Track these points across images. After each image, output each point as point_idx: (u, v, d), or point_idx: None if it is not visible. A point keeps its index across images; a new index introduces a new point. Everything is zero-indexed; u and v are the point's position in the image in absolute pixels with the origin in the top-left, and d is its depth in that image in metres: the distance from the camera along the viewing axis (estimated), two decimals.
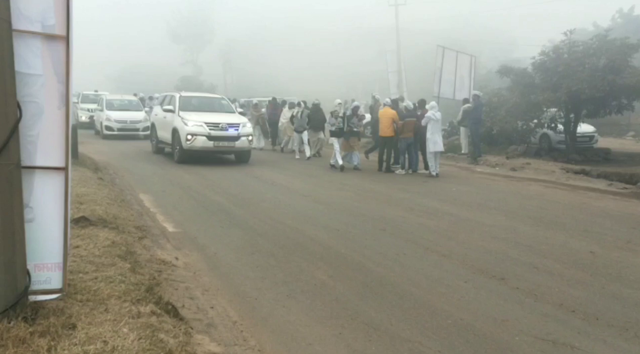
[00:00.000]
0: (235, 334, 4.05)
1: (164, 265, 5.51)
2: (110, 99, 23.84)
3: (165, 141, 15.59)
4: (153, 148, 17.00)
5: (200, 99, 16.57)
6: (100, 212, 6.80)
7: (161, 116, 15.89)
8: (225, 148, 14.45)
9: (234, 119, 14.84)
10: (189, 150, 14.02)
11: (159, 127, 16.22)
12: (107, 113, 22.22)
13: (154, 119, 17.06)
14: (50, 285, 3.51)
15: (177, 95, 15.67)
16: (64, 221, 3.52)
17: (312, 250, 6.42)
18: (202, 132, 13.86)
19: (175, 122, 14.48)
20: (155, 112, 17.17)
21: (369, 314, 4.52)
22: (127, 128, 21.92)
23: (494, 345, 3.97)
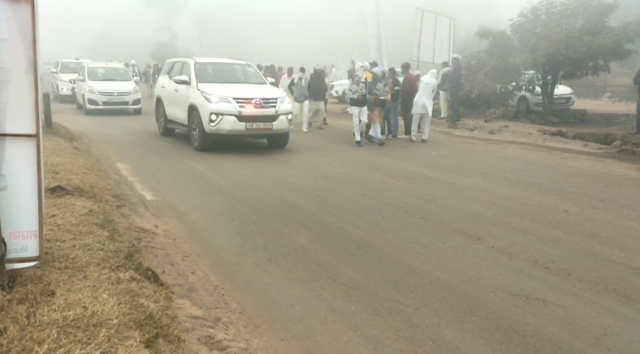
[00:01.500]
0: (216, 298, 4.09)
1: (143, 233, 5.50)
2: (93, 67, 20.16)
3: (178, 121, 12.40)
4: (160, 129, 13.65)
5: (221, 67, 12.95)
6: (77, 181, 6.72)
7: (171, 89, 12.62)
8: (260, 131, 11.07)
9: (268, 92, 11.42)
10: (213, 133, 10.83)
11: (169, 103, 12.90)
12: (89, 84, 18.79)
13: (160, 93, 13.63)
14: (27, 253, 3.49)
15: (192, 62, 12.13)
16: (37, 189, 3.48)
17: (292, 215, 6.45)
18: (231, 111, 10.62)
19: (193, 97, 11.24)
20: (161, 83, 13.73)
21: (348, 275, 4.59)
22: (114, 102, 18.65)
23: (469, 301, 4.07)
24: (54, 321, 2.87)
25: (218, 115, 10.65)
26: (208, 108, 10.71)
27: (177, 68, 12.81)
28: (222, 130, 10.76)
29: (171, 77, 12.83)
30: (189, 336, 3.31)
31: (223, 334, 3.47)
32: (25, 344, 2.63)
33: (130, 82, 19.76)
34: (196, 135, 11.28)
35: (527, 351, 3.37)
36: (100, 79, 19.30)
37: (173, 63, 13.51)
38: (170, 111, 12.84)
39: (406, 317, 3.82)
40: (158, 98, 13.75)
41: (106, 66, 20.79)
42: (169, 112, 12.91)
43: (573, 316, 3.85)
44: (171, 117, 12.85)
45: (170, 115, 12.87)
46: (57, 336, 2.73)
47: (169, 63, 13.88)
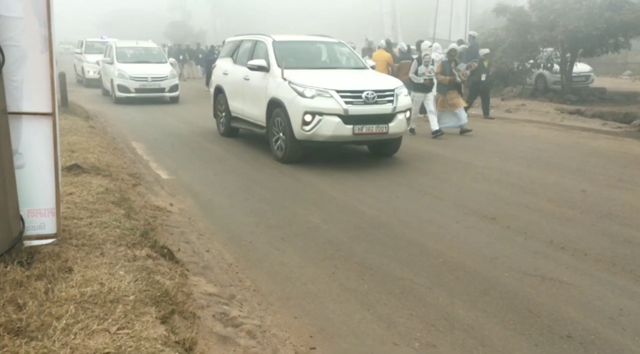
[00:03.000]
0: (230, 276, 4.13)
1: (158, 211, 5.55)
2: (122, 48, 17.32)
3: (248, 119, 9.40)
4: (221, 128, 10.69)
5: (305, 47, 9.65)
6: (93, 160, 6.77)
7: (237, 77, 9.70)
8: (372, 137, 7.90)
9: (381, 82, 8.29)
10: (307, 140, 7.80)
11: (234, 95, 9.93)
12: (119, 68, 15.97)
13: (221, 81, 10.56)
14: (45, 230, 3.54)
15: (269, 41, 9.13)
16: (54, 167, 3.51)
17: (305, 195, 6.46)
18: (333, 109, 7.56)
19: (276, 89, 8.21)
20: (223, 69, 10.57)
21: (361, 254, 4.60)
22: (149, 88, 15.83)
23: (483, 281, 4.06)
24: (72, 297, 2.92)
25: (315, 114, 7.55)
26: (301, 106, 7.65)
27: (246, 50, 9.84)
28: (321, 136, 7.64)
29: (237, 60, 10.09)
30: (204, 312, 3.35)
31: (237, 311, 3.51)
32: (44, 319, 2.68)
33: (166, 64, 17.12)
34: (279, 142, 8.20)
35: (541, 331, 3.36)
36: (131, 61, 16.62)
37: (239, 43, 10.42)
38: (236, 106, 9.84)
39: (419, 296, 3.82)
40: (218, 89, 10.66)
41: (137, 46, 17.97)
42: (235, 107, 9.89)
43: (588, 296, 3.83)
44: (238, 114, 9.83)
45: (236, 111, 9.86)
46: (75, 311, 2.78)
47: (233, 42, 10.86)
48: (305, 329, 3.37)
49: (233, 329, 3.26)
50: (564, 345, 3.20)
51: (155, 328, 2.74)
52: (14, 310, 2.74)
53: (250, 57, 9.26)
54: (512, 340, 3.25)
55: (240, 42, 10.40)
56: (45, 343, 2.49)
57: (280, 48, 8.97)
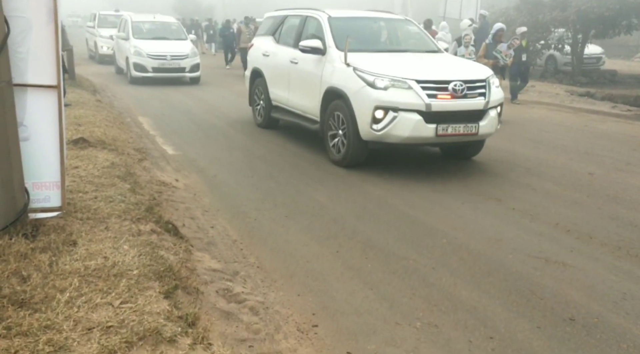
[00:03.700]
0: (234, 252, 4.14)
1: (164, 186, 5.55)
2: (138, 22, 15.75)
3: (294, 110, 7.97)
4: (257, 118, 9.21)
5: (363, 24, 8.08)
6: (99, 134, 6.77)
7: (282, 59, 8.20)
8: (459, 138, 6.41)
9: (469, 70, 6.80)
10: (376, 141, 6.38)
11: (277, 81, 8.41)
12: (135, 44, 14.48)
13: (259, 63, 9.02)
14: (50, 203, 3.55)
15: (324, 16, 7.57)
16: (59, 140, 3.50)
17: (311, 173, 6.44)
18: (413, 103, 6.10)
19: (332, 76, 6.83)
20: (262, 49, 8.98)
21: (365, 234, 4.59)
22: (168, 68, 14.41)
23: (487, 263, 4.06)
24: (76, 270, 2.93)
25: (389, 110, 6.09)
26: (371, 99, 6.17)
27: (292, 27, 8.39)
28: (395, 137, 6.18)
29: (280, 39, 8.63)
30: (207, 288, 3.36)
31: (241, 287, 3.52)
32: (47, 292, 2.70)
33: (186, 41, 15.57)
34: (337, 141, 6.77)
35: (544, 313, 3.35)
36: (148, 37, 15.13)
37: (282, 19, 8.84)
38: (279, 94, 8.35)
39: (423, 276, 3.82)
40: (255, 72, 9.13)
41: (155, 20, 16.33)
42: (277, 94, 8.43)
43: (592, 280, 3.82)
44: (280, 103, 8.39)
45: (278, 99, 8.43)
46: (79, 284, 2.80)
47: (273, 18, 9.27)
48: (308, 306, 3.38)
49: (236, 305, 3.27)
50: (567, 328, 3.20)
51: (158, 303, 2.75)
52: (18, 282, 2.75)
53: (298, 37, 7.87)
54: (514, 322, 3.25)
55: (284, 18, 8.78)
56: (48, 315, 2.51)
57: (338, 26, 7.41)
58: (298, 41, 7.72)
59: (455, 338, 3.07)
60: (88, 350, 2.30)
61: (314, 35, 7.48)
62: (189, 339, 2.48)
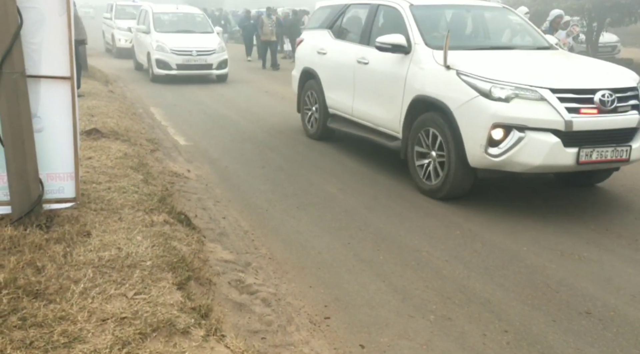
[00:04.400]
0: (246, 243, 4.14)
1: (176, 177, 5.57)
2: (159, 14, 14.31)
3: (363, 121, 6.51)
4: (309, 128, 7.76)
5: (459, 14, 6.68)
6: (112, 125, 6.79)
7: (346, 58, 6.76)
8: (602, 166, 4.98)
9: (613, 75, 5.17)
10: (492, 170, 4.93)
11: (337, 84, 6.99)
12: (157, 39, 13.16)
13: (312, 63, 7.61)
14: (64, 194, 3.56)
15: (405, 5, 6.10)
16: (72, 131, 3.51)
17: (322, 164, 6.42)
18: (546, 121, 4.61)
19: (423, 81, 5.38)
20: (317, 45, 7.52)
21: (377, 225, 4.57)
22: (194, 64, 13.05)
23: (501, 254, 4.02)
24: (90, 261, 2.95)
25: (512, 129, 4.66)
26: (487, 113, 4.72)
27: (358, 19, 7.00)
28: (520, 165, 4.72)
29: (340, 34, 7.21)
30: (219, 279, 3.37)
31: (253, 278, 3.52)
32: (62, 283, 2.71)
33: (212, 35, 14.18)
34: (430, 165, 5.29)
35: (559, 306, 3.32)
36: (171, 31, 13.76)
37: (343, 8, 7.34)
38: (340, 100, 6.91)
39: (436, 268, 3.80)
40: (307, 73, 7.70)
41: (178, 11, 15.00)
42: (337, 101, 7.00)
43: (609, 273, 3.77)
44: (341, 111, 6.96)
45: (338, 106, 7.01)
46: (93, 275, 2.81)
47: (330, 8, 7.75)
48: (320, 298, 3.37)
49: (248, 296, 3.28)
50: (582, 321, 3.17)
51: (171, 294, 2.76)
52: (33, 273, 2.77)
53: (367, 31, 6.46)
54: (529, 315, 3.22)
55: (346, 7, 7.28)
56: (63, 306, 2.52)
57: (424, 17, 5.97)
58: (367, 36, 6.42)
59: (469, 331, 3.05)
60: (102, 341, 2.31)
61: (390, 29, 5.95)
62: (202, 331, 2.49)
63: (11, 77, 3.13)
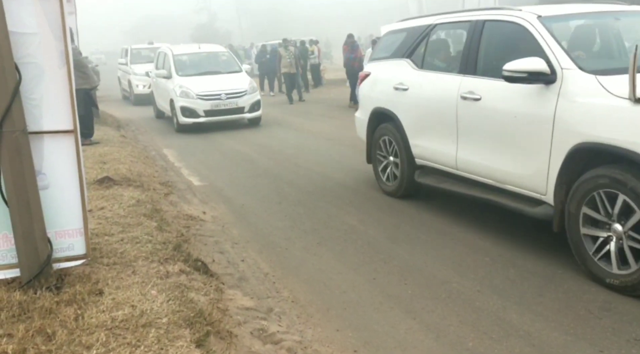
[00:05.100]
0: (267, 287, 3.97)
1: (191, 220, 5.44)
2: (180, 55, 13.04)
3: (473, 175, 4.91)
4: (386, 183, 6.19)
5: (600, 22, 4.90)
6: (124, 171, 6.73)
7: (441, 92, 5.15)
8: None
9: None
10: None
11: (428, 128, 5.43)
12: (181, 83, 11.75)
13: (388, 101, 5.97)
14: (74, 251, 3.43)
15: (531, 18, 4.42)
16: (79, 185, 3.40)
17: (340, 195, 6.26)
18: None
19: (607, 122, 3.58)
20: (393, 79, 5.84)
21: (402, 256, 4.38)
22: (223, 109, 11.61)
23: (536, 281, 3.79)
24: (103, 323, 2.79)
25: None
26: None
27: (450, 42, 5.91)
28: None
29: (425, 63, 5.64)
30: (241, 330, 3.19)
31: (276, 326, 3.34)
32: (74, 350, 2.56)
33: (241, 74, 12.62)
34: (614, 245, 3.60)
35: (605, 334, 3.08)
36: (195, 73, 12.35)
37: (427, 31, 5.70)
38: (433, 149, 5.38)
39: (468, 300, 3.58)
40: (380, 114, 6.13)
41: (200, 51, 13.46)
42: (428, 149, 5.46)
43: None
44: (437, 162, 5.40)
45: (431, 156, 5.45)
46: (106, 339, 2.65)
47: (406, 31, 6.09)
48: (348, 342, 3.18)
49: (272, 346, 3.10)
50: (633, 349, 2.92)
51: (190, 353, 2.59)
52: (43, 341, 2.62)
53: (473, 55, 4.88)
54: (573, 346, 2.99)
55: (431, 28, 5.63)
56: None
57: (561, 31, 4.53)
58: (472, 63, 4.87)
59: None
60: None
61: (509, 51, 4.53)
62: None
63: (12, 136, 3.04)
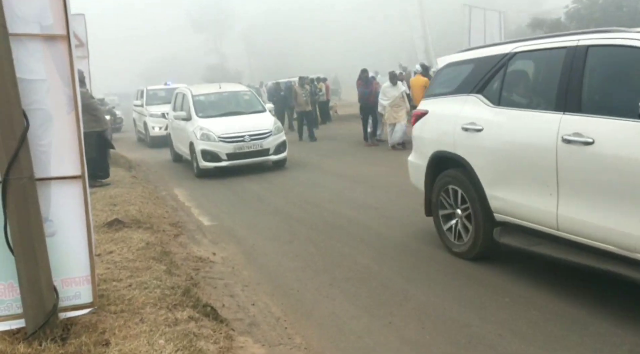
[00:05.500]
0: (279, 333, 3.83)
1: (201, 262, 5.34)
2: (200, 95, 12.18)
3: (582, 239, 3.84)
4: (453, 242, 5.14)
5: None
6: (134, 212, 6.68)
7: (531, 135, 4.19)
8: None
9: None
10: None
11: (517, 177, 4.37)
12: (202, 125, 10.93)
13: (455, 145, 4.98)
14: (80, 300, 3.33)
15: None
16: (87, 232, 3.33)
17: (352, 232, 6.15)
18: None
19: None
20: (460, 117, 4.93)
21: (418, 298, 4.23)
22: (247, 152, 10.74)
23: (559, 322, 3.63)
24: None
25: None
26: None
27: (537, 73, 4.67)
28: None
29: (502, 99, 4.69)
30: None
31: None
32: None
33: (265, 114, 11.80)
34: None
35: None
36: (216, 114, 11.53)
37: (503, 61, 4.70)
38: (523, 202, 4.36)
39: (490, 345, 3.42)
40: (440, 159, 5.30)
41: (221, 91, 12.58)
42: (514, 203, 4.44)
43: None
44: (527, 220, 4.36)
45: (519, 212, 4.43)
46: None
47: (474, 62, 5.12)
48: None
49: None
50: None
51: None
52: None
53: (576, 87, 3.94)
54: None
55: (509, 57, 4.63)
56: None
57: None
58: (574, 98, 3.93)
59: None
60: None
61: (627, 81, 3.76)
62: None
63: (19, 183, 2.99)
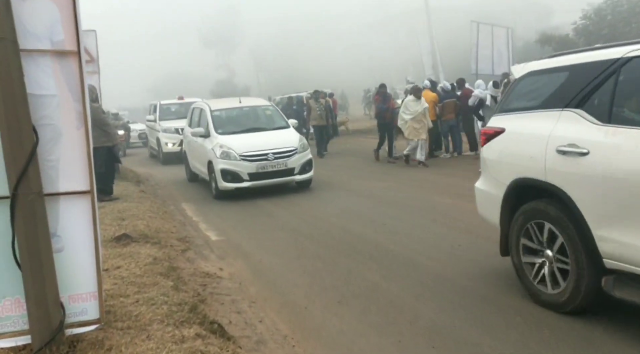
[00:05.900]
0: (287, 351, 3.78)
1: (208, 278, 5.31)
2: (219, 110, 11.16)
3: None
4: (541, 289, 4.15)
5: None
6: (142, 227, 6.68)
7: None
8: None
9: None
10: None
11: None
12: (222, 142, 9.98)
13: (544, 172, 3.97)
14: (87, 316, 3.31)
15: None
16: (94, 247, 3.32)
17: (360, 248, 6.10)
18: None
19: None
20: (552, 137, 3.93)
21: (428, 316, 4.17)
22: (271, 172, 9.74)
23: (572, 342, 3.55)
24: None
25: None
26: None
27: None
28: None
29: (614, 115, 3.60)
30: None
31: None
32: None
33: (289, 130, 10.76)
34: None
35: None
36: (237, 131, 10.53)
37: (611, 67, 3.68)
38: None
39: None
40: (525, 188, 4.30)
41: (242, 106, 11.49)
42: (636, 247, 3.33)
43: None
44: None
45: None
46: None
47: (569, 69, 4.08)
48: None
49: None
50: None
51: None
52: None
53: None
54: None
55: (620, 64, 3.66)
56: None
57: None
58: None
59: None
60: None
61: None
62: None
63: (27, 198, 2.99)
